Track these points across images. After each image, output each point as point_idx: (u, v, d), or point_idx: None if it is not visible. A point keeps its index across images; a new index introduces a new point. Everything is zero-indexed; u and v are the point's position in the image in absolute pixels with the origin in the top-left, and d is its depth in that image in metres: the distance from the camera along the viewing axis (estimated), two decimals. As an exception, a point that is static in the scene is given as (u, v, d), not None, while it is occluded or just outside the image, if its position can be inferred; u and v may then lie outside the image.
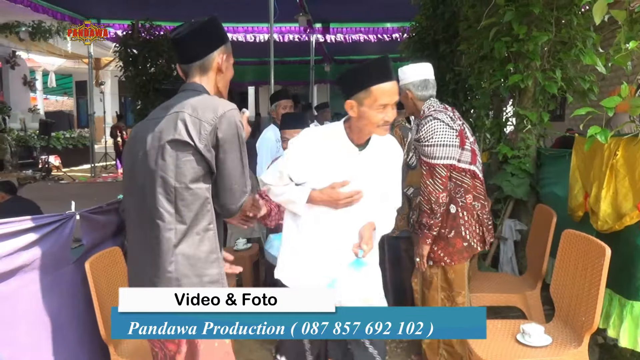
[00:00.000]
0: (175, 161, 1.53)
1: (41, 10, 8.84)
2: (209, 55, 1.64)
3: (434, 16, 5.30)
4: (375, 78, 1.72)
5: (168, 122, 1.56)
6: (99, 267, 2.21)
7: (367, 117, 1.75)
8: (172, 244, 1.53)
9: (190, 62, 1.65)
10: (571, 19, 3.38)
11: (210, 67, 1.65)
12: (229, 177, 1.56)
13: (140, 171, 1.58)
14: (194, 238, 1.56)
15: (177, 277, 1.53)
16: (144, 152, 1.57)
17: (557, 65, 3.46)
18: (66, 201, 3.99)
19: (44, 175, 10.73)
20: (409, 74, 2.53)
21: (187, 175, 1.53)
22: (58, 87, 18.75)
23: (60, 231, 1.99)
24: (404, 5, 6.16)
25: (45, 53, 12.76)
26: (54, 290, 1.97)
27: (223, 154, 1.55)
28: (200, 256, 1.56)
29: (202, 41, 1.64)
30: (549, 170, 3.48)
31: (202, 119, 1.54)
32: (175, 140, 1.52)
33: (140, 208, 1.59)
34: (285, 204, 1.95)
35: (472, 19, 3.98)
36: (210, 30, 1.66)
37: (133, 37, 8.27)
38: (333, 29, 9.67)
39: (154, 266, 1.54)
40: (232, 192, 1.58)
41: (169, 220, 1.53)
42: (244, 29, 9.77)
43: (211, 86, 1.68)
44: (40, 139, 11.78)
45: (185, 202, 1.54)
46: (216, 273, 1.60)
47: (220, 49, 1.66)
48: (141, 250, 1.60)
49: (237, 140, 1.57)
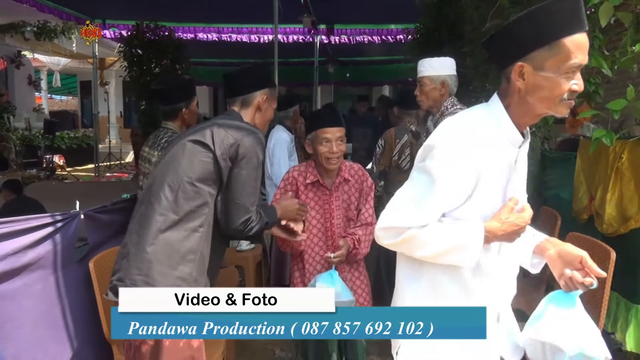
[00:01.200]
0: (190, 157, 1.66)
1: (47, 10, 8.87)
2: (252, 93, 1.85)
3: (439, 18, 5.29)
4: (567, 26, 1.16)
5: (203, 128, 1.73)
6: (103, 267, 2.21)
7: (549, 88, 1.18)
8: (159, 227, 1.61)
9: (233, 96, 1.86)
10: (576, 21, 3.36)
11: (251, 103, 1.85)
12: (238, 190, 1.66)
13: (164, 161, 1.73)
14: (180, 232, 1.63)
15: (150, 259, 1.60)
16: (174, 147, 1.73)
17: (562, 67, 3.45)
18: (70, 200, 4.02)
19: (48, 175, 10.77)
20: (447, 64, 2.51)
21: (196, 172, 1.64)
22: (63, 86, 18.82)
23: (65, 230, 2.00)
24: (408, 7, 6.15)
25: (50, 53, 12.81)
26: (59, 289, 1.98)
27: (238, 169, 1.67)
28: (180, 250, 1.63)
29: (246, 81, 1.87)
30: (554, 173, 3.48)
31: (229, 132, 1.69)
32: (198, 140, 1.68)
33: (149, 188, 1.72)
34: (439, 256, 1.25)
35: (477, 20, 3.97)
36: (258, 72, 1.91)
37: (138, 38, 8.29)
38: (337, 30, 9.65)
39: (136, 243, 1.64)
40: (238, 206, 1.66)
41: (164, 206, 1.63)
42: (247, 30, 9.77)
43: (248, 119, 1.85)
44: (45, 138, 11.82)
45: (186, 195, 1.63)
46: (187, 273, 1.64)
47: (264, 91, 1.87)
48: (133, 224, 1.70)
49: (256, 161, 1.70)
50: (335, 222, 2.23)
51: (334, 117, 2.21)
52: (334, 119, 2.19)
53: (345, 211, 2.25)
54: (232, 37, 9.78)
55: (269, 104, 1.89)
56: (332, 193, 2.22)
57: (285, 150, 4.17)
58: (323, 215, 2.22)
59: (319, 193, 2.23)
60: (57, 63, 14.82)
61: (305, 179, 2.22)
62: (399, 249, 1.32)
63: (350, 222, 2.25)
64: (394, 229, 1.25)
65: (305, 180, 2.21)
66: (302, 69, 11.57)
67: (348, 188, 2.25)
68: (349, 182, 2.24)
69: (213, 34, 9.52)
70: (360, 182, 2.27)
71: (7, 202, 4.56)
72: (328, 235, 2.23)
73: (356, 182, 2.26)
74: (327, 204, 2.22)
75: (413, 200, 1.25)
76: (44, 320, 1.94)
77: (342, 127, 2.17)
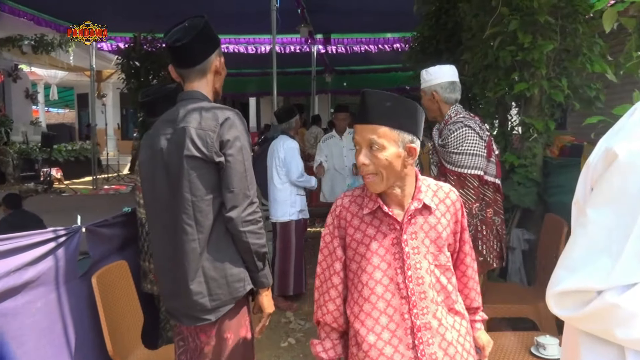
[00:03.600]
0: (189, 177, 1.59)
1: (44, 23, 8.89)
2: (208, 59, 1.70)
3: (437, 26, 5.31)
4: None
5: (179, 137, 1.61)
6: (106, 282, 2.18)
7: None
8: (198, 252, 1.61)
9: (189, 67, 1.69)
10: (576, 27, 3.38)
11: (209, 69, 1.71)
12: (230, 178, 1.60)
13: (162, 186, 1.65)
14: (215, 242, 1.63)
15: (206, 280, 1.62)
16: (163, 167, 1.64)
17: (563, 73, 3.46)
18: (69, 214, 3.95)
19: (45, 188, 10.71)
20: (435, 75, 2.47)
21: (201, 189, 1.59)
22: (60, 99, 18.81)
23: (67, 245, 1.97)
24: (406, 15, 6.17)
25: (47, 66, 12.80)
26: (61, 306, 1.94)
27: (225, 157, 1.59)
28: (224, 258, 1.63)
29: (202, 46, 1.68)
30: (557, 179, 3.46)
31: (206, 128, 1.59)
32: (187, 157, 1.58)
33: (164, 221, 1.66)
34: None
35: (476, 28, 3.98)
36: (207, 34, 1.70)
37: (135, 50, 8.30)
38: (334, 40, 9.69)
39: (183, 276, 1.62)
40: (235, 195, 1.60)
41: (190, 232, 1.60)
42: (245, 40, 9.80)
43: (209, 88, 1.73)
44: (42, 151, 11.78)
45: (202, 213, 1.60)
46: (240, 271, 1.66)
47: (217, 52, 1.73)
48: (169, 261, 1.68)
49: (239, 143, 1.61)
50: (412, 275, 1.39)
51: (366, 107, 1.39)
52: (367, 111, 1.38)
53: (426, 254, 1.42)
54: (230, 47, 9.80)
55: (222, 63, 1.74)
56: (404, 227, 1.42)
57: (298, 157, 4.35)
58: (391, 263, 1.41)
59: (382, 228, 1.43)
60: (54, 76, 14.82)
61: (362, 207, 1.47)
62: (586, 325, 0.88)
63: (437, 271, 1.43)
64: (578, 293, 0.86)
65: (362, 210, 1.46)
66: (299, 78, 11.61)
67: (432, 218, 1.44)
68: (430, 210, 1.44)
69: (210, 45, 9.51)
70: (453, 210, 1.48)
71: (6, 216, 4.51)
72: (402, 294, 1.39)
73: (446, 209, 1.47)
74: (396, 245, 1.42)
75: (602, 248, 0.84)
76: (46, 337, 1.90)
77: (376, 124, 1.36)
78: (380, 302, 1.39)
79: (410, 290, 1.38)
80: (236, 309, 1.69)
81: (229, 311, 1.66)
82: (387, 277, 1.40)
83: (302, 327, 3.93)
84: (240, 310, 1.71)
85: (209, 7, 6.38)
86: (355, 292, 1.45)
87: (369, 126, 1.36)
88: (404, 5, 6.00)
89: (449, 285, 1.44)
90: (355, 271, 1.45)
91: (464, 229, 1.53)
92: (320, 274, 1.53)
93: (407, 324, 1.37)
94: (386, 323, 1.38)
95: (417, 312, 1.37)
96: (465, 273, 1.55)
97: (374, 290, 1.40)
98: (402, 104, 1.38)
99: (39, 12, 8.64)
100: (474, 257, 1.58)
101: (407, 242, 1.41)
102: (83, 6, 8.06)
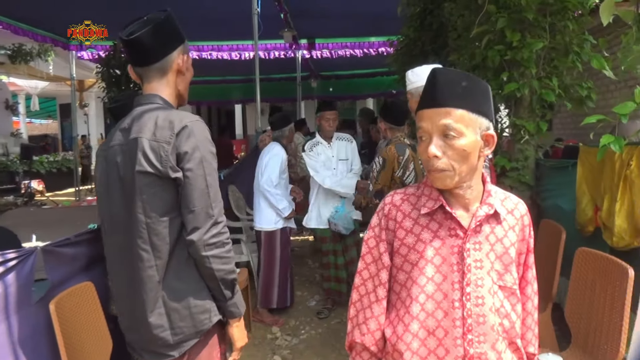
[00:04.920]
0: (141, 195, 1.39)
1: (21, 33, 8.64)
2: (168, 56, 1.50)
3: (422, 28, 5.20)
4: None
5: (131, 150, 1.41)
6: (68, 307, 1.98)
7: None
8: (156, 281, 1.42)
9: (147, 64, 1.49)
10: (566, 24, 3.26)
11: (170, 68, 1.51)
12: (189, 196, 1.39)
13: (117, 203, 1.47)
14: (175, 268, 1.44)
15: (167, 312, 1.43)
16: (118, 181, 1.46)
17: (553, 72, 3.34)
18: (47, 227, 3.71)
19: (26, 201, 10.41)
20: (422, 75, 2.30)
21: (156, 209, 1.40)
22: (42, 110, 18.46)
23: (19, 269, 1.77)
24: (390, 19, 6.07)
25: (25, 76, 12.52)
26: (11, 337, 1.74)
27: (183, 172, 1.40)
28: (186, 286, 1.44)
29: (160, 41, 1.48)
30: (551, 182, 3.33)
31: (160, 139, 1.39)
32: (139, 173, 1.38)
33: (120, 243, 1.48)
34: None
35: (461, 28, 3.86)
36: (168, 28, 1.50)
37: (115, 58, 8.10)
38: (318, 45, 9.57)
39: (141, 307, 1.43)
40: (195, 215, 1.39)
41: (147, 258, 1.41)
42: (228, 47, 9.64)
43: (171, 90, 1.53)
44: (22, 163, 11.49)
45: (159, 236, 1.41)
46: (206, 302, 1.47)
47: (180, 49, 1.53)
48: (126, 289, 1.49)
49: (198, 155, 1.40)
50: (471, 293, 1.16)
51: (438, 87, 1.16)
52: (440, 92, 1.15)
53: (489, 270, 1.18)
54: (213, 54, 9.63)
55: (188, 63, 1.55)
56: (468, 236, 1.18)
57: (278, 166, 4.14)
58: (448, 275, 1.17)
59: (441, 232, 1.20)
60: (35, 87, 14.53)
61: (416, 207, 1.24)
62: None
63: (501, 293, 1.19)
64: None
65: (417, 211, 1.23)
66: (284, 84, 11.47)
67: (499, 230, 1.21)
68: (498, 219, 1.21)
69: (193, 52, 9.35)
70: (521, 225, 1.24)
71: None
72: (456, 315, 1.15)
73: (515, 222, 1.23)
74: (455, 255, 1.18)
75: None
76: (-3, 372, 1.70)
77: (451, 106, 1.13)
78: (429, 320, 1.16)
79: (466, 310, 1.14)
80: (204, 340, 1.50)
81: (195, 344, 1.48)
82: (441, 292, 1.16)
83: (288, 343, 3.74)
84: (209, 342, 1.51)
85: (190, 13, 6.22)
86: (401, 308, 1.20)
87: (442, 109, 1.13)
88: (387, 8, 5.89)
89: (512, 312, 1.19)
90: (404, 283, 1.20)
91: (530, 250, 1.27)
92: (359, 286, 1.27)
93: (458, 352, 1.13)
94: (434, 347, 1.15)
95: (472, 338, 1.13)
96: (524, 306, 1.26)
97: (424, 306, 1.16)
98: (478, 84, 1.17)
99: (16, 22, 8.40)
100: (536, 289, 1.29)
101: (470, 252, 1.16)
102: (63, 15, 7.85)
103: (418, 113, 1.19)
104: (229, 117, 18.99)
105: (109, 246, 1.55)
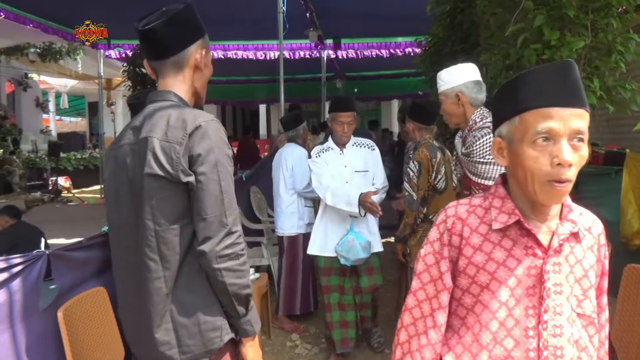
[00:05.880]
0: (150, 200, 1.28)
1: (51, 31, 8.79)
2: (185, 50, 1.38)
3: (452, 27, 5.02)
4: None
5: (141, 150, 1.30)
6: (77, 314, 1.90)
7: None
8: (164, 293, 1.31)
9: (162, 58, 1.38)
10: (609, 22, 3.05)
11: (187, 63, 1.40)
12: (202, 203, 1.28)
13: (126, 207, 1.36)
14: (185, 281, 1.33)
15: (174, 328, 1.32)
16: (127, 184, 1.35)
17: (594, 73, 3.13)
18: (73, 224, 3.65)
19: (52, 197, 10.59)
20: (458, 75, 2.17)
21: (166, 215, 1.29)
22: (71, 108, 18.85)
23: (26, 275, 1.69)
24: (417, 19, 5.90)
25: (55, 74, 12.77)
26: (17, 346, 1.66)
27: (196, 177, 1.28)
28: (196, 301, 1.33)
29: (177, 33, 1.37)
30: (589, 190, 3.12)
31: (172, 140, 1.27)
32: (148, 175, 1.28)
33: (127, 250, 1.37)
34: None
35: (495, 26, 3.68)
36: (186, 20, 1.39)
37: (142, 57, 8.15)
38: (344, 45, 9.46)
39: (147, 321, 1.33)
40: (208, 223, 1.28)
41: (154, 269, 1.30)
42: (254, 47, 9.61)
43: (187, 87, 1.42)
44: (50, 160, 11.71)
45: (168, 245, 1.30)
46: (217, 318, 1.35)
47: (198, 43, 1.41)
48: (132, 300, 1.38)
49: (212, 158, 1.28)
50: (548, 321, 1.02)
51: (574, 83, 1.02)
52: (577, 90, 1.02)
53: (569, 296, 1.04)
54: (238, 54, 9.62)
55: (207, 58, 1.44)
56: (548, 256, 1.04)
57: (306, 164, 3.74)
58: (521, 299, 1.04)
59: (516, 251, 1.05)
60: (65, 85, 14.84)
61: (484, 220, 1.08)
62: None
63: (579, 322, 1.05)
64: None
65: (486, 225, 1.07)
66: (309, 84, 11.38)
67: (579, 250, 1.07)
68: (577, 238, 1.07)
69: (219, 52, 9.35)
70: (597, 245, 1.11)
71: (4, 228, 4.33)
72: (530, 346, 1.01)
73: (593, 241, 1.10)
74: (532, 278, 1.04)
75: None
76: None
77: (584, 108, 1.00)
78: (497, 349, 1.01)
79: (543, 341, 1.00)
80: (216, 359, 1.39)
81: None
82: (513, 319, 1.02)
83: (308, 351, 3.61)
84: (222, 359, 1.40)
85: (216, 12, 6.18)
86: (468, 337, 1.05)
87: (578, 110, 0.97)
88: (415, 8, 5.73)
89: (590, 345, 1.05)
90: (472, 307, 1.06)
91: (604, 273, 1.12)
92: (413, 308, 1.12)
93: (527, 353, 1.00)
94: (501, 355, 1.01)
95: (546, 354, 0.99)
96: (598, 336, 1.10)
97: (496, 335, 1.02)
98: None
99: (45, 20, 8.53)
100: (608, 317, 1.14)
101: (550, 275, 1.02)
102: (90, 13, 7.93)
103: (541, 110, 0.97)
104: (253, 117, 19.02)
105: (115, 252, 1.45)
